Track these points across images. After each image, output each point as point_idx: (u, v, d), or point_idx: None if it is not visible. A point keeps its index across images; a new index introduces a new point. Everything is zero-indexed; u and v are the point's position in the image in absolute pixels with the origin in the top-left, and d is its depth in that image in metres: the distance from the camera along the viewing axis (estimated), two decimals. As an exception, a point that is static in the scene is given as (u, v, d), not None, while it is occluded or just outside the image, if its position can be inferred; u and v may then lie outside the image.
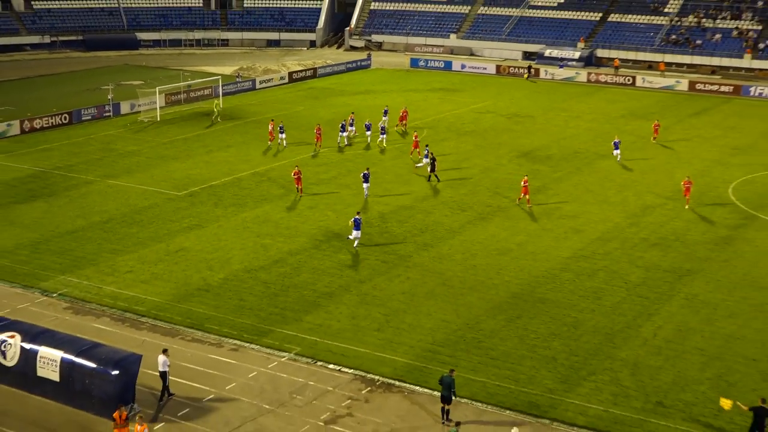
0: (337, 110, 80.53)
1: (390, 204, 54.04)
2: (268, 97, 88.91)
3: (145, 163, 63.47)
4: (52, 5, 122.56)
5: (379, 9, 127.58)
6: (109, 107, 79.48)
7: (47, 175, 60.34)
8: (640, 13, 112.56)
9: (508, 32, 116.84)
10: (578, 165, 63.37)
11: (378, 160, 64.23)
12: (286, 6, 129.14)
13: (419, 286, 41.97)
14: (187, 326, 37.86)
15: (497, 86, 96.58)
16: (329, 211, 52.73)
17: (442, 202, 54.57)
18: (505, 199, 55.07)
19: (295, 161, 62.88)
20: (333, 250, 46.40)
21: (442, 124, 75.69)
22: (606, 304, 40.18)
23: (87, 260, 44.93)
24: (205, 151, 66.98)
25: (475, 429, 30.60)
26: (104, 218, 51.45)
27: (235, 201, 54.70)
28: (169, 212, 52.56)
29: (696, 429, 30.68)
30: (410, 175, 60.32)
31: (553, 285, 42.19)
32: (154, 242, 47.51)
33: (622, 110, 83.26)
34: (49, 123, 74.55)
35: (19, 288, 41.80)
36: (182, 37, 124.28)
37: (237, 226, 50.02)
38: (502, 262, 44.94)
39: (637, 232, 49.60)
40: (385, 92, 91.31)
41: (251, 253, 45.99)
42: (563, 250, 46.72)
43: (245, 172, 61.19)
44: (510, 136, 72.03)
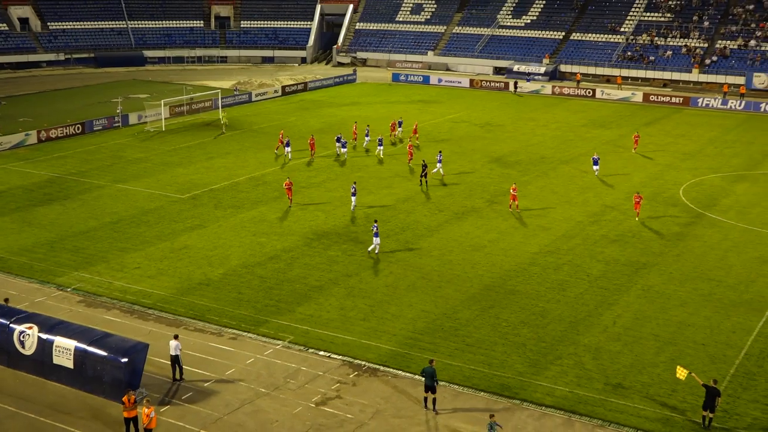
0: (326, 120, 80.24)
1: (374, 205, 53.86)
2: (263, 109, 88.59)
3: (151, 169, 63.10)
4: (66, 26, 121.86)
5: (364, 29, 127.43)
6: (118, 118, 79.01)
7: (62, 180, 59.88)
8: (599, 32, 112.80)
9: (480, 49, 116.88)
10: (544, 169, 63.37)
11: (363, 165, 64.05)
12: (279, 26, 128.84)
13: (401, 279, 41.83)
14: (190, 317, 37.60)
15: (471, 98, 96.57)
16: (319, 212, 52.52)
17: (422, 203, 54.44)
18: (479, 200, 54.97)
19: (290, 166, 62.67)
20: (323, 247, 46.21)
21: (421, 133, 75.50)
22: (570, 295, 40.14)
23: (98, 257, 44.58)
24: (206, 157, 66.63)
25: (453, 409, 30.48)
26: (114, 219, 51.08)
27: (234, 203, 54.42)
28: (174, 213, 52.23)
29: (653, 407, 30.66)
30: (393, 178, 60.15)
31: (523, 278, 42.12)
32: (159, 241, 47.20)
33: (584, 120, 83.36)
34: (63, 133, 74.02)
35: (37, 283, 41.42)
36: (185, 54, 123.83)
37: (235, 226, 49.76)
38: (476, 257, 44.85)
39: (597, 229, 49.61)
40: (369, 104, 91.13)
41: (248, 250, 45.74)
42: (531, 246, 46.66)
43: (243, 176, 60.90)
44: (482, 144, 71.99)
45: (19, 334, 32.89)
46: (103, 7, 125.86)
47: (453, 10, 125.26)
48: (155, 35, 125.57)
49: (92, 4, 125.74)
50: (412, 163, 63.28)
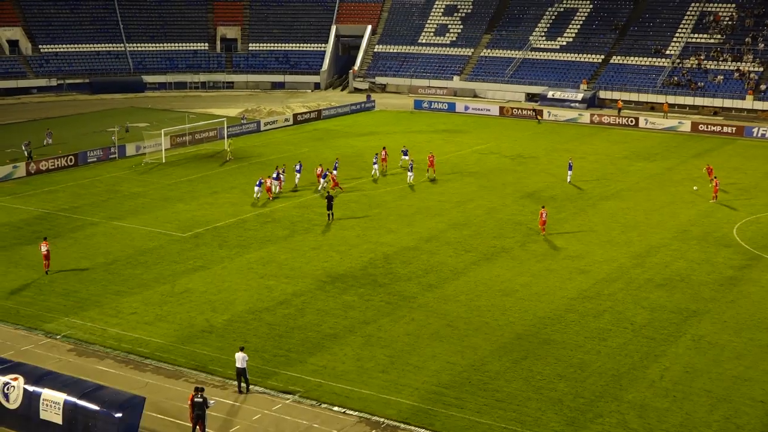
0: (341, 151, 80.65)
1: (394, 245, 53.89)
2: (272, 139, 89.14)
3: (150, 205, 63.48)
4: (59, 49, 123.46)
5: (383, 51, 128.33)
6: (114, 149, 79.71)
7: (52, 216, 60.33)
8: (643, 55, 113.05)
9: (511, 74, 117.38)
10: (582, 206, 63.27)
11: (382, 201, 64.21)
12: (290, 49, 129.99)
13: (424, 327, 41.69)
14: (192, 368, 37.58)
15: (500, 127, 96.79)
16: (333, 252, 52.57)
17: (447, 243, 54.41)
18: (510, 240, 54.89)
19: (298, 201, 62.89)
20: (337, 291, 46.19)
21: (445, 165, 75.72)
22: (612, 345, 39.86)
23: (91, 302, 44.74)
24: (209, 192, 67.00)
25: (481, 472, 30.20)
26: (109, 260, 51.33)
27: (240, 242, 54.60)
28: (174, 254, 52.44)
29: (705, 472, 30.26)
30: (414, 215, 60.26)
31: (559, 326, 41.89)
32: (158, 284, 47.35)
33: (626, 151, 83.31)
34: (54, 165, 74.72)
35: (23, 330, 41.58)
36: (188, 79, 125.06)
37: (241, 268, 49.87)
38: (506, 302, 44.68)
39: (642, 272, 49.35)
40: (388, 134, 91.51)
41: (255, 294, 45.80)
42: (568, 290, 46.46)
43: (250, 213, 61.15)
44: (514, 177, 72.03)
45: (3, 385, 32.94)
46: (99, 29, 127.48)
47: (481, 32, 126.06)
48: (156, 59, 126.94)
49: (87, 26, 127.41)
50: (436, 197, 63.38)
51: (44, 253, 49.11)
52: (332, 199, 59.12)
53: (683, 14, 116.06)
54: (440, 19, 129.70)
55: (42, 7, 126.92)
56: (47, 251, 49.13)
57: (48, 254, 49.14)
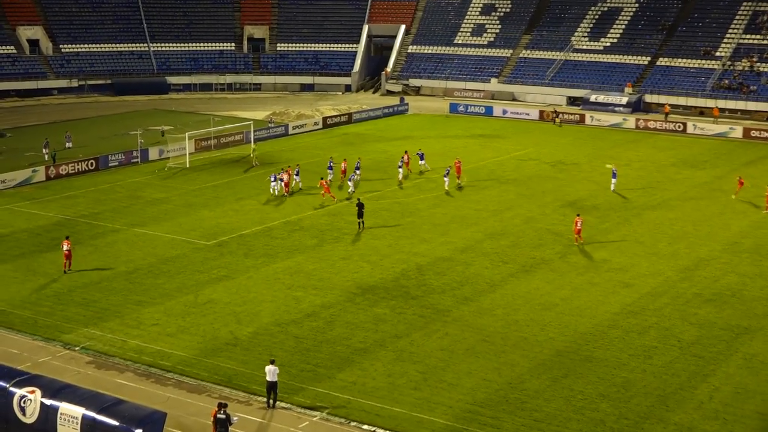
0: (373, 156, 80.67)
1: (427, 255, 53.79)
2: (301, 143, 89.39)
3: (173, 211, 63.82)
4: (80, 48, 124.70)
5: (417, 52, 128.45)
6: (137, 153, 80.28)
7: (72, 223, 60.81)
8: (691, 57, 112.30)
9: (551, 76, 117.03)
10: (627, 216, 62.85)
11: (415, 209, 64.14)
12: (320, 49, 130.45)
13: (459, 342, 41.55)
14: (215, 383, 37.65)
15: (540, 132, 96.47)
16: (363, 262, 52.56)
17: (483, 253, 54.23)
18: (550, 251, 54.63)
19: (327, 209, 62.91)
20: (368, 303, 46.15)
21: (482, 172, 75.54)
22: (658, 364, 39.49)
23: (111, 312, 44.99)
24: (235, 198, 67.27)
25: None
26: (130, 268, 51.62)
27: (266, 251, 54.73)
28: (197, 262, 52.65)
29: (757, 500, 29.87)
30: (449, 224, 60.13)
31: (601, 342, 41.58)
32: (181, 294, 47.54)
33: (673, 158, 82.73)
34: (75, 169, 75.33)
35: (41, 341, 41.87)
36: (213, 81, 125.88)
37: (267, 278, 49.97)
38: (546, 317, 44.43)
39: (690, 286, 48.90)
40: (423, 138, 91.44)
41: (282, 306, 45.85)
42: (611, 305, 46.12)
43: (277, 221, 61.31)
44: (554, 185, 71.73)
45: (19, 399, 33.14)
46: (122, 28, 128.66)
47: (520, 32, 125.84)
48: (180, 59, 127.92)
49: (110, 25, 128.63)
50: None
51: (66, 252, 50.72)
52: (363, 207, 59.14)
53: (734, 14, 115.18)
54: (477, 18, 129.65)
55: (63, 6, 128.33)
56: (69, 250, 50.77)
57: (69, 253, 50.79)
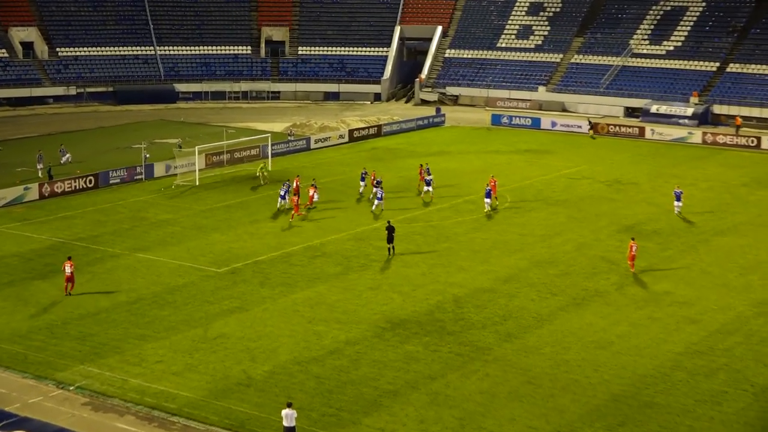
0: (404, 174, 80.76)
1: (466, 286, 53.67)
2: (324, 159, 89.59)
3: (180, 234, 64.10)
4: (79, 52, 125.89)
5: (455, 57, 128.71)
6: (140, 169, 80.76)
7: (68, 247, 61.17)
8: (766, 62, 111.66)
9: (607, 84, 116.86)
10: (692, 242, 62.48)
11: (452, 233, 64.09)
12: (346, 53, 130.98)
13: (500, 384, 41.37)
14: (225, 427, 37.65)
15: (594, 147, 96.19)
16: (393, 293, 52.51)
17: (529, 284, 54.05)
18: (605, 282, 54.36)
19: (353, 233, 62.96)
20: (398, 339, 46.06)
21: (528, 192, 75.37)
22: (728, 411, 39.14)
23: (110, 347, 45.14)
24: (249, 220, 67.48)
25: None
26: (132, 298, 51.83)
27: (284, 280, 54.81)
28: (207, 292, 52.80)
29: None
30: (491, 251, 60.02)
31: (663, 386, 41.27)
32: (188, 327, 47.65)
33: (745, 177, 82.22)
34: (71, 186, 75.85)
35: (32, 379, 42.05)
36: (227, 88, 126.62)
37: (286, 310, 50.01)
38: (600, 357, 44.16)
39: (765, 323, 48.48)
40: (461, 154, 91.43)
41: (302, 341, 45.84)
42: (674, 344, 45.78)
43: (296, 245, 61.42)
44: (610, 207, 71.46)
45: (7, 444, 33.31)
46: (125, 30, 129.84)
47: (572, 34, 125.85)
48: (190, 64, 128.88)
49: (112, 26, 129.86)
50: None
51: (68, 275, 51.76)
52: (393, 231, 59.15)
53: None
54: (523, 19, 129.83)
55: (60, 5, 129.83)
56: (72, 272, 51.85)
57: (72, 276, 51.86)
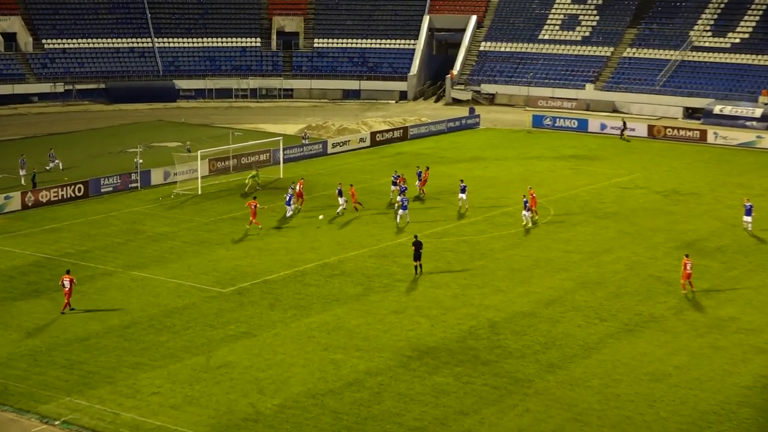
0: (434, 183, 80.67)
1: (503, 309, 53.52)
2: (342, 165, 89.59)
3: (180, 250, 64.20)
4: (67, 44, 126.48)
5: (492, 50, 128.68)
6: (136, 176, 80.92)
7: (54, 263, 61.35)
8: None
9: (663, 82, 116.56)
10: (761, 261, 62.14)
11: (488, 249, 63.96)
12: (368, 46, 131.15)
13: (542, 421, 41.24)
14: (230, 469, 37.70)
15: (649, 153, 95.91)
16: (421, 317, 52.42)
17: (574, 307, 53.86)
18: (661, 306, 54.12)
19: (375, 248, 62.98)
20: (426, 370, 45.95)
21: (574, 203, 75.14)
22: (802, 453, 38.91)
23: (101, 377, 45.17)
24: (258, 234, 67.52)
25: None
26: (125, 322, 51.89)
27: (297, 302, 54.80)
28: (210, 315, 52.83)
29: None
30: (531, 270, 59.86)
31: (729, 425, 41.03)
32: (189, 355, 47.67)
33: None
34: (58, 195, 76.08)
35: (12, 412, 42.09)
36: (233, 85, 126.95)
37: (299, 336, 49.98)
38: (656, 391, 43.96)
39: (844, 353, 48.23)
40: (498, 160, 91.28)
41: (317, 372, 45.79)
42: (741, 376, 45.51)
43: (311, 263, 61.41)
44: (667, 221, 71.19)
45: (-16, 485, 33.36)
46: (119, 20, 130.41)
47: (624, 24, 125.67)
48: (192, 58, 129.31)
49: (105, 15, 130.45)
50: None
51: (66, 290, 52.52)
52: (420, 247, 59.03)
53: None
54: (569, 7, 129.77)
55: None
56: (70, 287, 52.62)
57: (71, 291, 52.61)
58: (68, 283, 52.51)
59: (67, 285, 52.46)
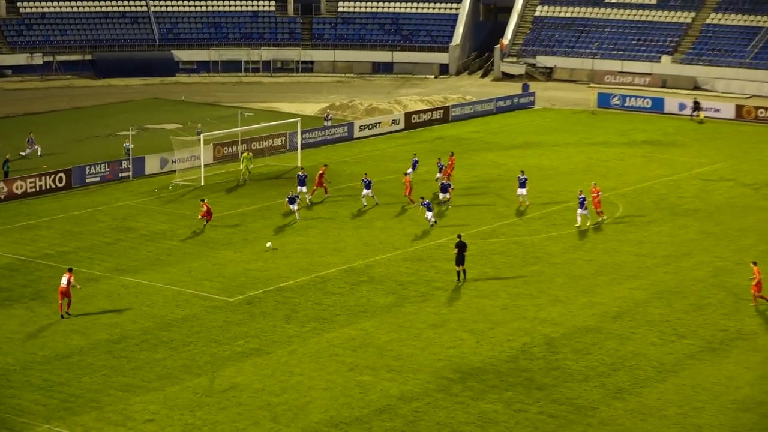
0: (479, 173, 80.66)
1: (562, 323, 53.41)
2: (371, 152, 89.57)
3: (179, 251, 64.36)
4: (46, 7, 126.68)
5: (549, 16, 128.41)
6: (127, 164, 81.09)
7: (30, 266, 61.57)
8: None
9: (755, 53, 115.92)
10: None
11: (544, 252, 63.84)
12: (402, 11, 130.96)
13: (609, 457, 41.22)
14: None
15: (737, 139, 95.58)
16: (464, 332, 52.38)
17: (647, 322, 53.70)
18: (751, 320, 53.90)
19: (410, 251, 63.01)
20: (470, 394, 45.89)
21: (647, 197, 74.89)
22: None
23: (85, 401, 45.28)
24: (272, 232, 67.59)
25: None
26: (114, 336, 52.03)
27: (318, 313, 54.85)
28: (215, 328, 52.93)
29: None
30: (596, 277, 59.70)
31: (832, 463, 40.89)
32: (189, 375, 47.74)
33: None
34: (36, 186, 76.32)
35: (-19, 441, 42.40)
36: (243, 57, 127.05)
37: (319, 353, 50.00)
38: (745, 421, 43.78)
39: None
40: (557, 147, 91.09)
41: (341, 396, 45.80)
42: None
43: (334, 267, 61.45)
44: (758, 219, 70.94)
45: None
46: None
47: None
48: (194, 25, 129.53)
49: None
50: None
51: (62, 288, 53.61)
52: (464, 249, 58.80)
53: None
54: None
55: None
56: (67, 285, 53.51)
57: (68, 289, 53.53)
58: (66, 281, 53.30)
59: (63, 282, 53.23)
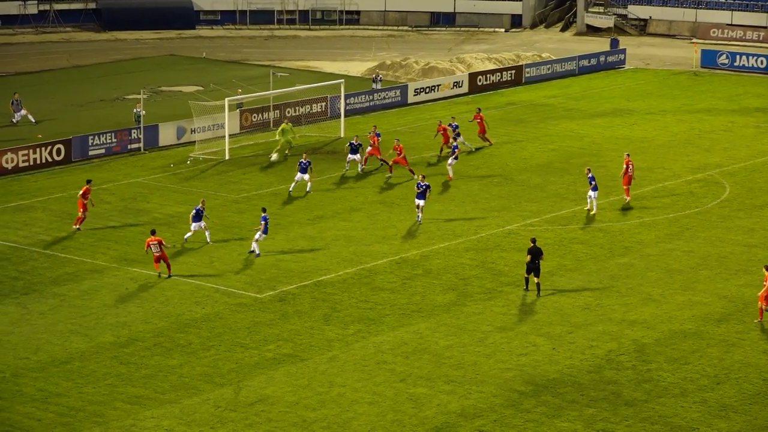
0: (557, 146, 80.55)
1: (655, 327, 53.31)
2: (428, 120, 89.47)
3: (198, 237, 64.50)
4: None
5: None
6: (137, 133, 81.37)
7: (22, 255, 62.01)
8: None
9: None
10: None
11: (634, 242, 63.67)
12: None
13: (711, 488, 41.31)
14: None
15: None
16: (538, 336, 52.41)
17: (758, 325, 53.48)
18: None
19: (474, 239, 63.08)
20: (545, 411, 45.93)
21: (760, 176, 74.55)
22: None
23: (87, 414, 45.58)
24: (307, 216, 67.82)
25: None
26: (122, 338, 52.32)
27: (363, 313, 54.97)
28: (241, 329, 53.11)
29: None
30: (696, 271, 59.50)
31: None
32: (211, 385, 47.97)
33: None
34: (28, 160, 76.80)
35: (-35, 462, 42.85)
36: (275, 6, 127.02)
37: (365, 360, 50.12)
38: None
39: None
40: (651, 115, 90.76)
41: (390, 412, 45.92)
42: None
43: (383, 258, 61.56)
44: None
45: None
46: None
47: None
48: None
49: None
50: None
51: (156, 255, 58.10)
52: (540, 256, 56.30)
53: None
54: None
55: None
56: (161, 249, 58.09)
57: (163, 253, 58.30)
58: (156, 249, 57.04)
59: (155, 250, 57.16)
